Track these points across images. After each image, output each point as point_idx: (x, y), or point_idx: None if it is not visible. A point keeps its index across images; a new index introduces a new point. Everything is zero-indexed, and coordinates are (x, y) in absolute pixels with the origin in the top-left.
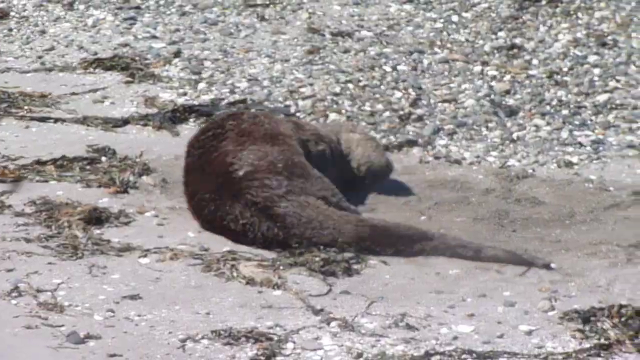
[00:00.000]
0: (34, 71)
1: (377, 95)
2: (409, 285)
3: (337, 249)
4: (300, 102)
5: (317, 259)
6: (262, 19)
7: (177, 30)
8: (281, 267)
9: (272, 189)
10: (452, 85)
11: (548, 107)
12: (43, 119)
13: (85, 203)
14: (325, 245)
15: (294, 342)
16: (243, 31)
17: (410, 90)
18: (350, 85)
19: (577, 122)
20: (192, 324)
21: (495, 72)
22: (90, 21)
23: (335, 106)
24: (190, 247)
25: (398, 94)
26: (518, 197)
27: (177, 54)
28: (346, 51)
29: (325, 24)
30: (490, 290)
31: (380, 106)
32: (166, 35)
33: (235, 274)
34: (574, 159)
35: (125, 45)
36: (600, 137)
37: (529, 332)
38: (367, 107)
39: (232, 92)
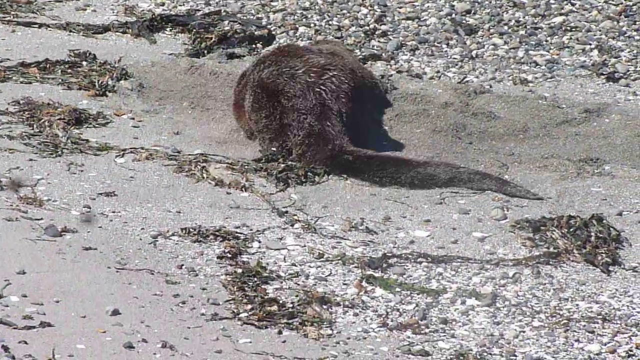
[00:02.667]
0: None
1: (344, 11)
2: (368, 193)
3: None
4: (272, 15)
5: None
6: None
7: None
8: (248, 171)
9: None
10: (415, 3)
11: (506, 27)
12: (28, 24)
13: (66, 104)
14: None
15: (260, 242)
16: None
17: (376, 7)
18: (319, 1)
19: (533, 42)
20: (163, 221)
21: None
22: None
23: (304, 20)
24: (164, 149)
25: (364, 10)
26: (475, 112)
27: None
28: None
29: None
30: (446, 198)
31: (347, 21)
32: None
33: (205, 175)
34: (529, 77)
35: None
36: (555, 57)
37: (482, 239)
38: (334, 22)
39: (207, 4)
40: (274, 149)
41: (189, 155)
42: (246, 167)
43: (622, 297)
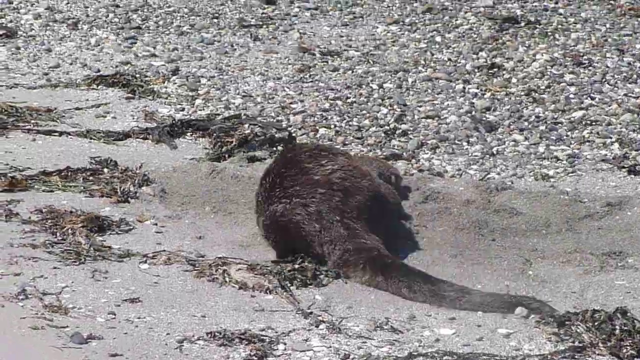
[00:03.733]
0: (40, 87)
1: (364, 112)
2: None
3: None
4: (292, 118)
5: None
6: (255, 38)
7: (176, 49)
8: (266, 273)
9: None
10: (435, 102)
11: (526, 123)
12: (48, 132)
13: (88, 211)
14: None
15: (285, 344)
16: (237, 50)
17: (396, 106)
18: (339, 102)
19: (553, 137)
20: (189, 326)
21: (476, 90)
22: (93, 40)
23: (324, 121)
24: (187, 254)
25: (384, 110)
26: (497, 208)
27: (175, 71)
28: (335, 69)
29: (316, 43)
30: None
31: (367, 122)
32: (165, 53)
33: (228, 279)
34: (551, 172)
35: (127, 63)
36: (576, 151)
37: (507, 335)
38: (354, 123)
39: (227, 107)
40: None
41: (208, 260)
42: (266, 269)
43: None
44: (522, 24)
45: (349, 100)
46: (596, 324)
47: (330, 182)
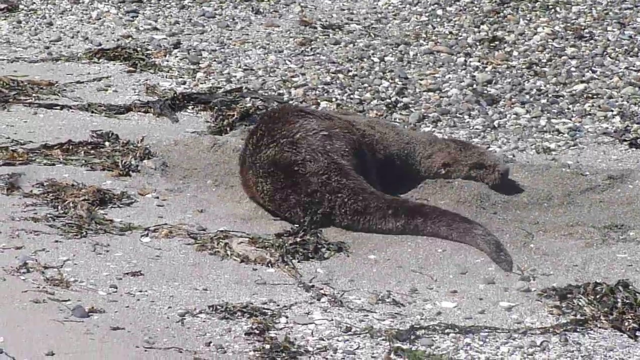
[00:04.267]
0: (41, 61)
1: (366, 85)
2: (395, 265)
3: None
4: (293, 91)
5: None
6: (256, 12)
7: (177, 22)
8: (268, 246)
9: None
10: (436, 75)
11: (527, 96)
12: (50, 106)
13: (90, 185)
14: None
15: (287, 317)
16: (239, 24)
17: (397, 80)
18: (340, 75)
19: (555, 111)
20: (190, 299)
21: (477, 63)
22: (94, 14)
23: (325, 95)
24: (189, 227)
25: (385, 84)
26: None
27: (177, 45)
28: (336, 43)
29: (317, 17)
30: (470, 268)
31: (368, 95)
32: (166, 27)
33: (229, 252)
34: (552, 146)
35: (128, 36)
36: (577, 124)
37: (509, 308)
38: (356, 96)
39: (228, 81)
40: (308, 218)
41: (209, 233)
42: (268, 242)
43: None
44: None
45: (350, 74)
46: (598, 297)
47: (316, 129)
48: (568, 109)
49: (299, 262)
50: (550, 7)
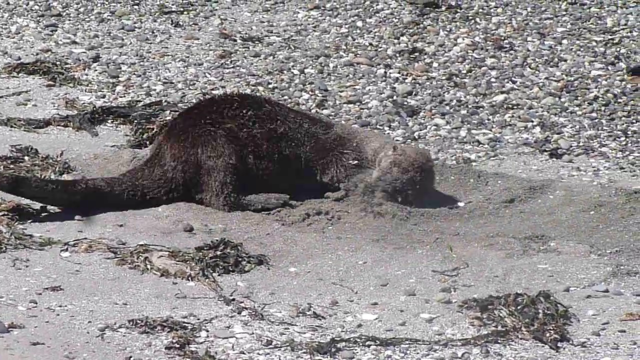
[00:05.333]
0: None
1: (286, 97)
2: (316, 278)
3: None
4: None
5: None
6: (176, 25)
7: (96, 36)
8: (188, 260)
9: None
10: (356, 87)
11: (447, 108)
12: None
13: (9, 200)
14: None
15: (207, 331)
16: (158, 37)
17: (317, 92)
18: (260, 88)
19: (475, 122)
20: (110, 313)
21: (397, 75)
22: (14, 28)
23: None
24: (109, 242)
25: (305, 96)
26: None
27: (96, 58)
28: (256, 55)
29: (237, 29)
30: (391, 279)
31: None
32: (85, 41)
33: (149, 266)
34: (472, 156)
35: (47, 50)
36: (497, 135)
37: (430, 320)
38: None
39: (148, 94)
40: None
41: (129, 247)
42: (188, 255)
43: None
44: (443, 8)
45: (270, 86)
46: (519, 308)
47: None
48: (488, 119)
49: (219, 275)
50: (470, 18)
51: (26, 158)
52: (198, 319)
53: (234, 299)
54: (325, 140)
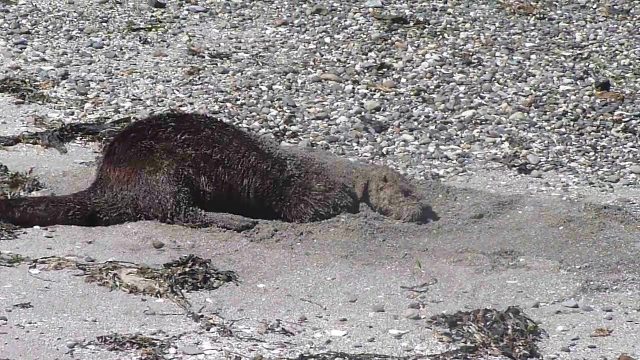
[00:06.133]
0: None
1: (254, 113)
2: (284, 294)
3: None
4: None
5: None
6: (144, 42)
7: (65, 53)
8: (157, 277)
9: None
10: (324, 103)
11: (416, 123)
12: None
13: None
14: None
15: (176, 347)
16: (127, 54)
17: (285, 108)
18: (229, 104)
19: (443, 137)
20: (80, 330)
21: (365, 91)
22: None
23: None
24: (78, 259)
25: (274, 112)
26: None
27: (65, 75)
28: (224, 72)
29: (205, 46)
30: (360, 295)
31: (256, 123)
32: (54, 58)
33: (118, 283)
34: (441, 172)
35: (16, 68)
36: (466, 150)
37: (399, 336)
38: (244, 124)
39: (116, 111)
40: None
41: (98, 264)
42: (157, 272)
43: None
44: (411, 23)
45: (238, 102)
46: (488, 323)
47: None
48: (457, 135)
49: (188, 292)
50: (438, 33)
51: None
52: (167, 336)
53: (202, 316)
54: (280, 179)
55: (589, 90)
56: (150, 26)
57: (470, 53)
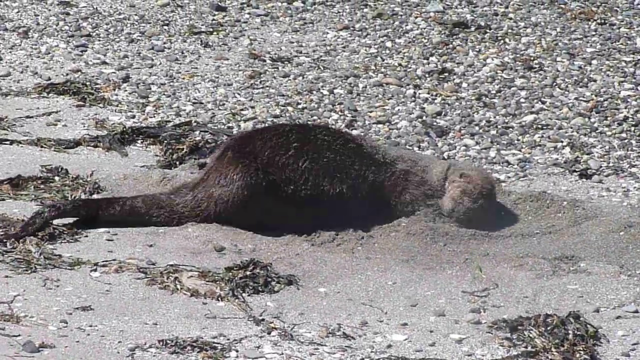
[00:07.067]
0: None
1: (315, 117)
2: (345, 298)
3: None
4: (242, 124)
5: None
6: (206, 45)
7: (126, 56)
8: (218, 280)
9: None
10: (386, 107)
11: (477, 128)
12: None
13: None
14: None
15: (237, 351)
16: (188, 57)
17: (347, 112)
18: (290, 108)
19: (504, 142)
20: (140, 333)
21: (426, 95)
22: (44, 48)
23: None
24: (139, 262)
25: (335, 116)
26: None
27: (126, 79)
28: (285, 76)
29: (266, 50)
30: (421, 300)
31: None
32: (115, 61)
33: (179, 287)
34: (502, 177)
35: (77, 71)
36: (527, 155)
37: (460, 341)
38: None
39: (177, 114)
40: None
41: (159, 267)
42: (217, 276)
43: None
44: (473, 28)
45: (299, 106)
46: (549, 328)
47: None
48: (518, 140)
49: (249, 295)
50: (500, 38)
51: (56, 178)
52: (228, 339)
53: (263, 319)
54: (384, 180)
55: None
56: (211, 30)
57: (532, 58)
